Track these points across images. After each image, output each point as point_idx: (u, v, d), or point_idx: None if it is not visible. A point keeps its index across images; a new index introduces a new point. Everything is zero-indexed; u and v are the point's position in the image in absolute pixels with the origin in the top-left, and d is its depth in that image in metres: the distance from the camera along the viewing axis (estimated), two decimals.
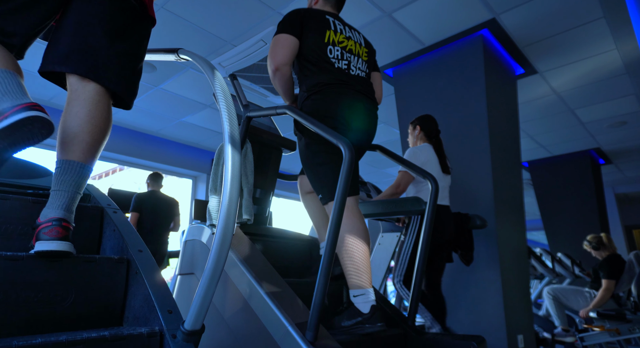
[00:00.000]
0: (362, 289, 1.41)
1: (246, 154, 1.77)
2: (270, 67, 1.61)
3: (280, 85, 1.67)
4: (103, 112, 1.16)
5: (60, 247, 1.02)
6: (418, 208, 2.17)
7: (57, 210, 1.06)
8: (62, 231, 1.04)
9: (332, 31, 1.68)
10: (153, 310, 0.99)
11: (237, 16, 3.26)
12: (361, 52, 1.75)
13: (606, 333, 3.58)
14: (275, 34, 1.64)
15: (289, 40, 1.61)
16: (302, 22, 1.65)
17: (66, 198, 1.08)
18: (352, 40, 1.73)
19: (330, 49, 1.65)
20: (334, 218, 1.20)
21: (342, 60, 1.66)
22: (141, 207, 4.19)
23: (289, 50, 1.61)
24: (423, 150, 2.47)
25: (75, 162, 1.10)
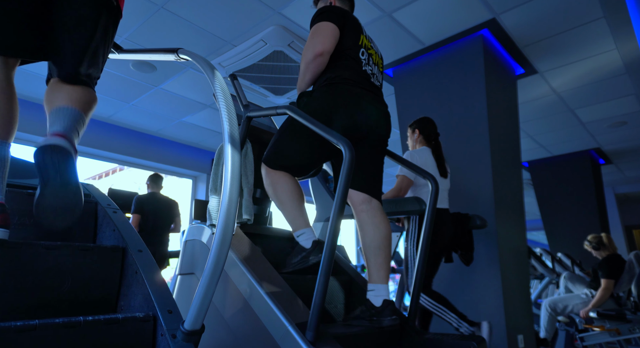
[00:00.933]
0: (301, 229, 1.60)
1: (246, 154, 1.77)
2: (312, 52, 1.58)
3: (313, 73, 1.64)
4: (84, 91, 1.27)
5: (59, 142, 1.04)
6: (418, 209, 2.18)
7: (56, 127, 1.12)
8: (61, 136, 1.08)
9: (364, 36, 1.74)
10: (153, 310, 0.99)
11: (237, 16, 3.26)
12: (379, 63, 1.82)
13: (606, 333, 3.58)
14: (318, 21, 1.64)
15: (335, 29, 1.62)
16: (344, 17, 1.67)
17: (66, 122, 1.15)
18: (374, 50, 1.79)
19: (362, 52, 1.69)
20: (333, 218, 1.20)
21: (368, 65, 1.70)
22: (142, 208, 4.20)
23: (334, 39, 1.62)
24: (420, 153, 2.47)
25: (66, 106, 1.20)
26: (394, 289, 6.70)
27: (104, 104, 4.86)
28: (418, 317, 2.32)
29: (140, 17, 3.25)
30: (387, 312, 1.45)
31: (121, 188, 4.65)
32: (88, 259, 1.11)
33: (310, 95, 1.62)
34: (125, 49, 1.56)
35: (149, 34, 3.48)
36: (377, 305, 1.47)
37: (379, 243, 1.54)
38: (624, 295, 4.04)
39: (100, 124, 5.34)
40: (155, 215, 4.24)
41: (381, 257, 1.53)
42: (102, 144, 5.31)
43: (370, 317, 1.46)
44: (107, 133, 5.38)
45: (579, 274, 4.82)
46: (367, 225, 1.57)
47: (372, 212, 1.58)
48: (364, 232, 1.58)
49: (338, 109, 1.55)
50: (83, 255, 1.09)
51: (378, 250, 1.54)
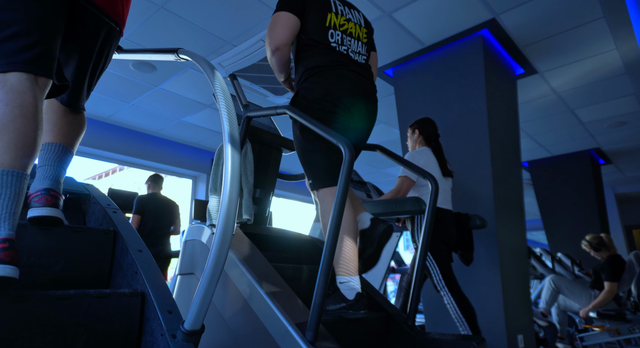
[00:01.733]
0: (349, 276, 1.44)
1: (246, 154, 1.77)
2: (270, 47, 1.56)
3: (278, 65, 1.63)
4: None
5: (51, 212, 1.10)
6: (418, 209, 2.17)
7: (45, 181, 1.16)
8: (50, 199, 1.12)
9: (333, 13, 1.63)
10: (153, 310, 0.99)
11: (237, 16, 3.26)
12: (361, 34, 1.70)
13: (606, 333, 3.57)
14: (275, 11, 1.60)
15: (290, 19, 1.56)
16: (304, 1, 1.60)
17: (52, 171, 1.18)
18: (352, 22, 1.68)
19: (331, 33, 1.60)
20: (334, 217, 1.20)
21: (342, 46, 1.62)
22: (143, 209, 4.20)
23: (289, 30, 1.56)
24: (422, 153, 2.46)
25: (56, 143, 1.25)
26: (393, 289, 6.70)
27: (104, 104, 4.86)
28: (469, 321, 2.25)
29: (140, 17, 3.25)
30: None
31: (121, 188, 4.65)
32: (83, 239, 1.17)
33: (297, 96, 1.60)
34: (125, 49, 1.56)
35: (149, 34, 3.48)
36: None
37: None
38: (624, 295, 4.04)
39: (100, 124, 5.34)
40: (156, 216, 4.24)
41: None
42: (102, 144, 5.31)
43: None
44: (107, 133, 5.38)
45: (579, 274, 4.83)
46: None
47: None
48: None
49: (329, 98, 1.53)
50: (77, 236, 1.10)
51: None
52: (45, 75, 1.06)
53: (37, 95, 1.03)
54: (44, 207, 1.10)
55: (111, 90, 4.56)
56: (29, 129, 0.98)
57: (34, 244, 1.10)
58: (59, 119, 1.28)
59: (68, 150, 1.27)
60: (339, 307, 1.42)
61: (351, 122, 1.59)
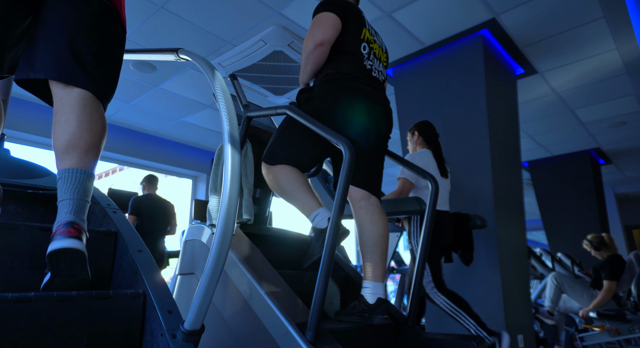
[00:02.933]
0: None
1: (246, 154, 1.77)
2: (313, 41, 1.56)
3: (314, 64, 1.61)
4: (94, 115, 1.12)
5: (74, 244, 0.97)
6: (418, 209, 2.18)
7: (67, 215, 1.01)
8: (74, 231, 0.99)
9: (367, 30, 1.69)
10: (153, 310, 0.99)
11: (237, 16, 3.26)
12: (382, 57, 1.77)
13: (606, 333, 3.57)
14: (319, 12, 1.62)
15: (336, 20, 1.59)
16: (346, 9, 1.64)
17: (74, 205, 1.03)
18: (377, 44, 1.74)
19: (364, 46, 1.65)
20: (334, 216, 1.20)
21: (368, 60, 1.66)
22: (139, 210, 4.19)
23: (335, 29, 1.59)
24: (421, 155, 2.48)
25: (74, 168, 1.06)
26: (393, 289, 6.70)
27: None
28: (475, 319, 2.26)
29: (140, 17, 3.25)
30: (380, 310, 1.43)
31: (121, 188, 4.65)
32: None
33: (310, 91, 1.61)
34: (125, 49, 1.56)
35: (149, 34, 3.48)
36: (371, 302, 1.46)
37: (376, 240, 1.52)
38: (624, 295, 4.04)
39: None
40: (151, 216, 4.24)
41: (377, 254, 1.51)
42: None
43: (361, 313, 1.45)
44: (108, 133, 5.37)
45: (579, 274, 4.83)
46: (364, 222, 1.55)
47: (371, 208, 1.57)
48: (361, 229, 1.56)
49: (339, 105, 1.54)
50: None
51: (375, 247, 1.52)
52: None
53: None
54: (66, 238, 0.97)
55: None
56: None
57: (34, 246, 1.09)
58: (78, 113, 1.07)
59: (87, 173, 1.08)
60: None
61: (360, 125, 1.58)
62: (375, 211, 1.57)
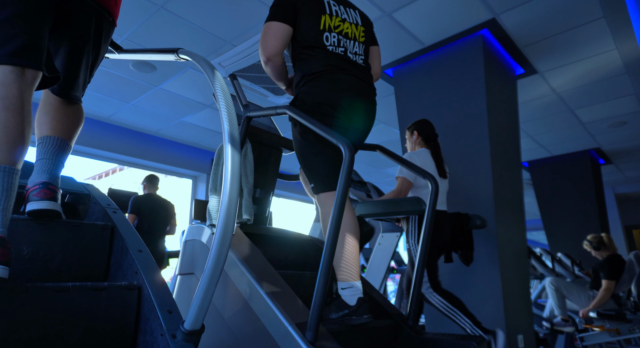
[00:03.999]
0: (350, 282, 1.43)
1: (246, 154, 1.77)
2: (262, 57, 1.58)
3: (273, 74, 1.66)
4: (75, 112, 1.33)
5: (50, 206, 1.11)
6: (418, 209, 2.17)
7: (42, 175, 1.16)
8: (49, 192, 1.13)
9: (328, 15, 1.60)
10: (153, 309, 0.99)
11: (237, 16, 3.26)
12: (357, 34, 1.66)
13: (606, 333, 3.57)
14: (267, 20, 1.58)
15: (281, 28, 1.54)
16: (295, 6, 1.57)
17: (49, 165, 1.18)
18: (347, 22, 1.64)
19: (326, 36, 1.58)
20: (334, 217, 1.20)
21: (338, 47, 1.60)
22: (139, 209, 4.19)
23: (280, 40, 1.55)
24: (419, 155, 2.47)
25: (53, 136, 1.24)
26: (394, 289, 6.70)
27: (104, 104, 4.86)
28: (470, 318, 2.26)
29: (140, 17, 3.25)
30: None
31: (121, 188, 4.65)
32: None
33: (295, 101, 1.59)
34: (125, 49, 1.56)
35: (149, 34, 3.48)
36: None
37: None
38: (624, 295, 4.04)
39: (100, 124, 5.34)
40: (151, 216, 4.24)
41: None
42: (102, 144, 5.31)
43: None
44: (107, 133, 5.38)
45: (579, 274, 4.83)
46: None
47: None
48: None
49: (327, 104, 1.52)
50: None
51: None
52: (32, 67, 1.03)
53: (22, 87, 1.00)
54: (42, 200, 1.11)
55: (111, 90, 4.55)
56: (14, 122, 0.95)
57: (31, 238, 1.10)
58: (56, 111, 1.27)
59: (66, 143, 1.27)
60: (341, 314, 1.41)
61: (349, 123, 1.58)
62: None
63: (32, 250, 1.10)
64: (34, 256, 1.10)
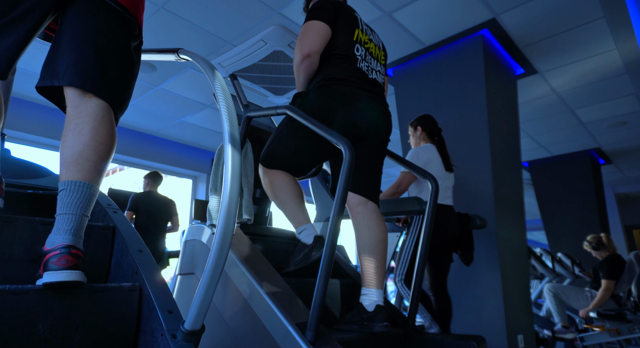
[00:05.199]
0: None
1: (246, 154, 1.77)
2: (301, 53, 1.56)
3: (305, 74, 1.61)
4: (108, 128, 1.08)
5: (71, 277, 0.93)
6: (418, 208, 2.17)
7: (65, 236, 0.96)
8: (72, 259, 0.95)
9: (360, 30, 1.67)
10: (153, 310, 0.99)
11: (237, 16, 3.26)
12: (380, 56, 1.75)
13: (606, 333, 3.57)
14: (307, 19, 1.61)
15: (324, 28, 1.57)
16: (335, 13, 1.62)
17: (74, 222, 0.99)
18: (373, 43, 1.72)
19: (357, 48, 1.63)
20: (334, 217, 1.20)
21: (364, 61, 1.64)
22: (138, 207, 4.19)
23: (322, 38, 1.57)
24: (425, 150, 2.46)
25: (81, 182, 1.01)
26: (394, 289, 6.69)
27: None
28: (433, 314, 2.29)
29: None
30: (379, 317, 1.41)
31: (121, 188, 4.65)
32: None
33: (305, 97, 1.59)
34: None
35: (149, 34, 3.48)
36: (369, 309, 1.43)
37: (374, 246, 1.50)
38: (624, 295, 4.04)
39: None
40: (150, 214, 4.23)
41: (375, 260, 1.49)
42: None
43: (361, 322, 1.43)
44: None
45: (579, 274, 4.83)
46: (362, 227, 1.54)
47: (368, 214, 1.55)
48: (359, 234, 1.55)
49: (333, 110, 1.52)
50: None
51: (373, 253, 1.50)
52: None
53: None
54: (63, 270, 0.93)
55: None
56: None
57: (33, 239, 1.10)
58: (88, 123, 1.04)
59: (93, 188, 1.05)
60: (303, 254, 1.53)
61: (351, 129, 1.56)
62: (373, 217, 1.55)
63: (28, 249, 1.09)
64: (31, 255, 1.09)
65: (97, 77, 1.07)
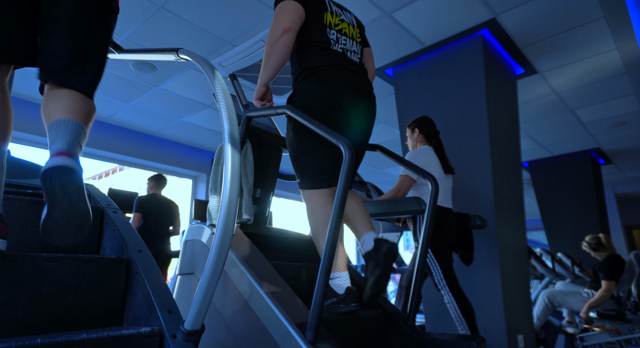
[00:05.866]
0: (338, 272, 1.47)
1: (246, 154, 1.77)
2: (281, 27, 1.51)
3: (281, 52, 1.53)
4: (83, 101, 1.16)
5: (67, 162, 0.95)
6: (418, 209, 2.17)
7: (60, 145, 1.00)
8: (68, 154, 0.98)
9: (329, 13, 1.65)
10: (153, 310, 0.99)
11: (237, 16, 3.26)
12: (354, 34, 1.72)
13: (606, 333, 3.57)
14: (279, 1, 1.59)
15: (297, 7, 1.56)
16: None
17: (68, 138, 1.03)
18: (345, 22, 1.70)
19: (329, 31, 1.62)
20: (334, 217, 1.20)
21: (338, 44, 1.63)
22: (144, 209, 4.21)
23: (299, 17, 1.55)
24: (423, 152, 2.46)
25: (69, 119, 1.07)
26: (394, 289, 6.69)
27: (104, 104, 4.86)
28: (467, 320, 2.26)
29: (140, 17, 3.25)
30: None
31: (121, 188, 4.66)
32: None
33: (294, 96, 1.60)
34: (125, 49, 1.56)
35: (149, 34, 3.48)
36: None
37: None
38: (624, 295, 4.04)
39: (100, 124, 5.34)
40: (155, 216, 4.25)
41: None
42: (102, 144, 5.31)
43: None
44: (107, 133, 5.38)
45: (579, 274, 4.83)
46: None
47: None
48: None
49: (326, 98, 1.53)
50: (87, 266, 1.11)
51: None
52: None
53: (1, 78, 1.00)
54: (57, 157, 0.96)
55: (111, 90, 4.55)
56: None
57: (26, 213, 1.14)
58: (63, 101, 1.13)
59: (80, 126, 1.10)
60: (330, 302, 1.44)
61: (349, 122, 1.59)
62: None
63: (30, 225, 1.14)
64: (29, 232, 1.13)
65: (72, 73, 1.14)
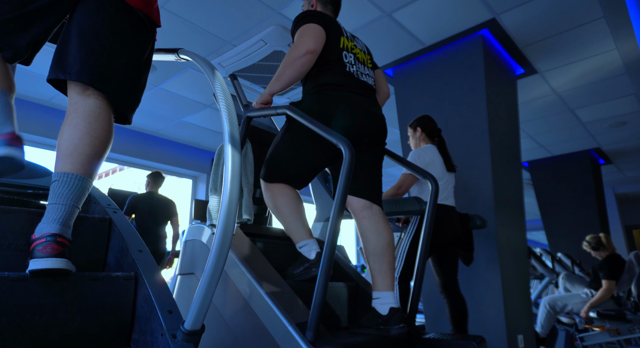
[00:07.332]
0: (304, 241, 1.59)
1: (246, 154, 1.77)
2: (304, 48, 1.52)
3: (300, 70, 1.55)
4: (104, 125, 1.10)
5: (56, 264, 0.94)
6: (418, 208, 2.17)
7: (53, 225, 0.98)
8: (57, 247, 0.96)
9: (345, 38, 1.71)
10: (153, 310, 0.99)
11: (237, 16, 3.26)
12: (366, 60, 1.79)
13: (606, 333, 3.57)
14: (303, 24, 1.61)
15: (322, 31, 1.59)
16: (325, 21, 1.64)
17: (64, 212, 1.01)
18: (358, 48, 1.76)
19: (345, 55, 1.66)
20: (333, 219, 1.20)
21: (353, 67, 1.67)
22: (136, 208, 4.18)
23: (322, 40, 1.59)
24: (427, 151, 2.46)
25: (74, 174, 1.04)
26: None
27: None
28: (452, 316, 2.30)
29: None
30: (394, 320, 1.41)
31: (121, 188, 4.65)
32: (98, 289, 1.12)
33: (300, 104, 1.60)
34: None
35: None
36: (383, 313, 1.44)
37: (383, 250, 1.51)
38: (624, 295, 4.04)
39: None
40: (150, 214, 4.22)
41: (385, 263, 1.50)
42: None
43: (377, 326, 1.44)
44: None
45: (579, 274, 4.83)
46: (369, 232, 1.55)
47: (374, 218, 1.56)
48: (366, 239, 1.55)
49: (329, 116, 1.53)
50: None
51: (382, 257, 1.51)
52: None
53: None
54: (48, 258, 0.94)
55: None
56: None
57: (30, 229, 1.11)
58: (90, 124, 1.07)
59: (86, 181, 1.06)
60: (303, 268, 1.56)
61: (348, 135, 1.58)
62: (379, 220, 1.57)
63: None
64: None
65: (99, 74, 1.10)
